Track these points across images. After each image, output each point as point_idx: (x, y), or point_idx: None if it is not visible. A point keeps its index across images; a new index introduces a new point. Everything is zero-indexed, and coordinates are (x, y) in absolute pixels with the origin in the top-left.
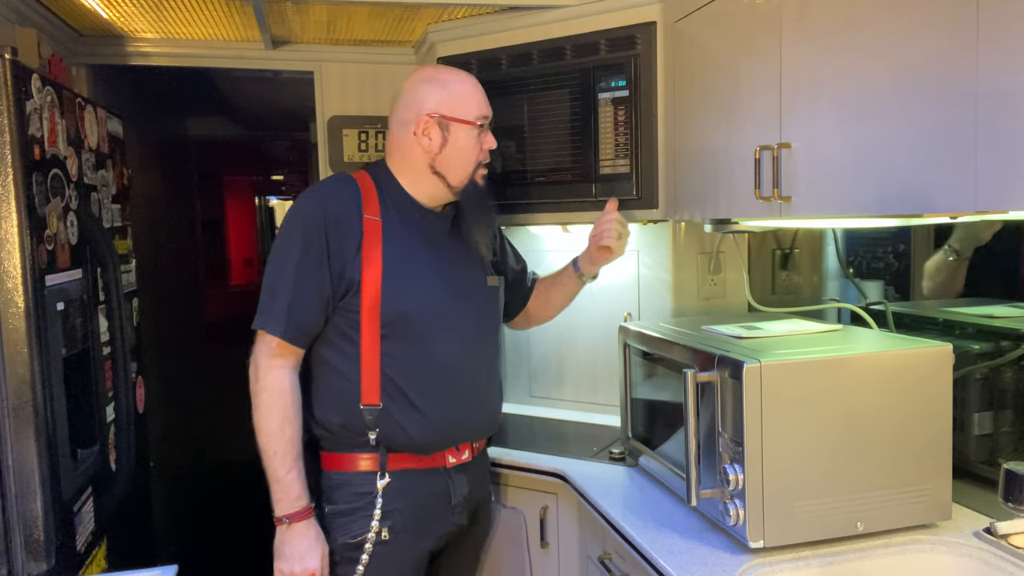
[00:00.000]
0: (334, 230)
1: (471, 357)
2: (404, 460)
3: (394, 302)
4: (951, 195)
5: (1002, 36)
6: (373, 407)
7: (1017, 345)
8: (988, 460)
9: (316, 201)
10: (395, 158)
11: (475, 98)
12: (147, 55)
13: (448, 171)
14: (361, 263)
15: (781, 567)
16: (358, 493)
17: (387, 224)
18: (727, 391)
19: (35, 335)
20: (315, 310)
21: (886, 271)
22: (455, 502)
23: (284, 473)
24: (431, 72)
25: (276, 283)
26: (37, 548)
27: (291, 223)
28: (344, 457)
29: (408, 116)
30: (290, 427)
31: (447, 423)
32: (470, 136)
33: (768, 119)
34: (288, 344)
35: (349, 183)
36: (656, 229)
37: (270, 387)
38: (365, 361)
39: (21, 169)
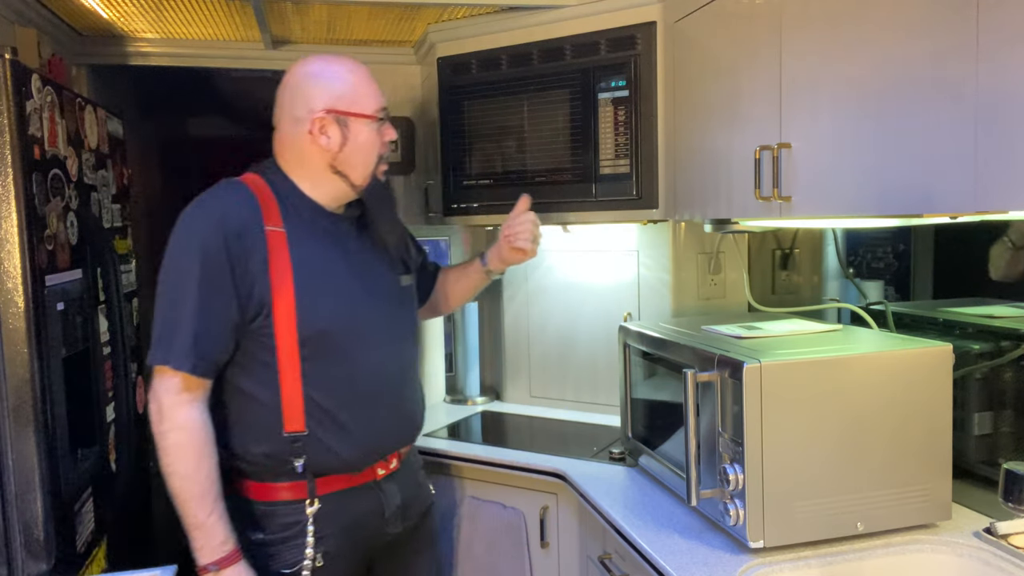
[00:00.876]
0: (235, 246)
1: (394, 365)
2: (333, 482)
3: (312, 320)
4: (951, 195)
5: (1002, 36)
6: (298, 434)
7: (1017, 345)
8: (988, 460)
9: (211, 215)
10: (289, 159)
11: (371, 89)
12: (147, 55)
13: (350, 170)
14: (270, 281)
15: (781, 567)
16: (287, 523)
17: (292, 234)
18: (727, 391)
19: (35, 335)
20: (224, 338)
21: (886, 271)
22: (388, 514)
23: (205, 517)
24: (321, 65)
25: (176, 311)
26: (37, 548)
27: (184, 242)
28: (269, 487)
29: (301, 113)
30: (206, 465)
31: (376, 437)
32: (370, 131)
33: (768, 119)
34: (196, 378)
35: (243, 191)
36: (656, 229)
37: (179, 426)
38: (285, 386)
39: (21, 169)
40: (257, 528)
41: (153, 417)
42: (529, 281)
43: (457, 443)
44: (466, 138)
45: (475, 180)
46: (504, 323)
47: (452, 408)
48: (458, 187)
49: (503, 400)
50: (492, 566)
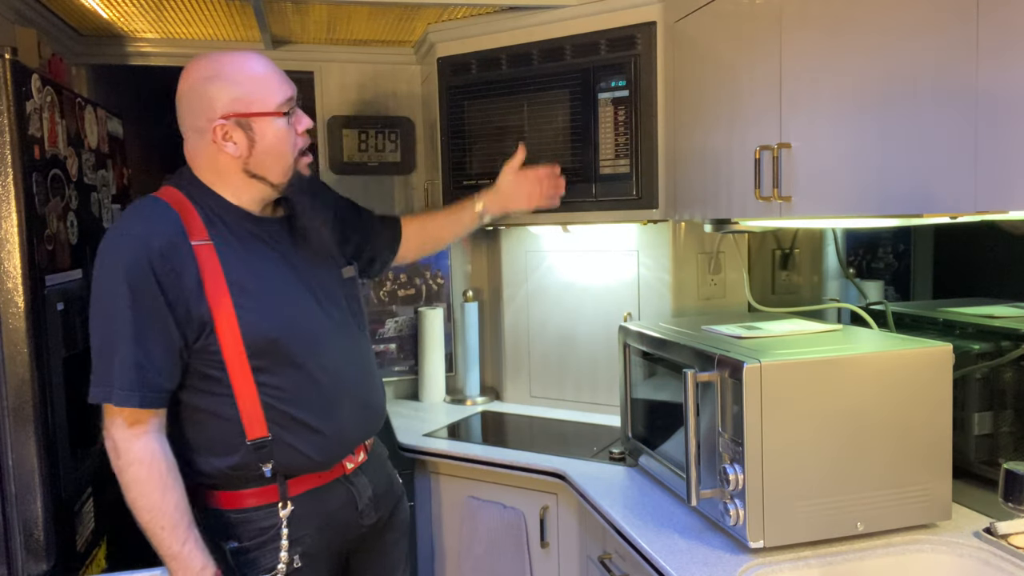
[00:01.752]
0: (161, 268)
1: (349, 359)
2: (303, 482)
3: (256, 330)
4: (951, 195)
5: (1002, 36)
6: (262, 440)
7: (1017, 345)
8: (988, 460)
9: (131, 240)
10: (203, 168)
11: (271, 82)
12: (147, 55)
13: (266, 171)
14: (206, 298)
15: (781, 567)
16: (262, 527)
17: (220, 245)
18: (727, 391)
19: (35, 335)
20: (168, 365)
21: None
22: (362, 506)
23: (179, 547)
24: (213, 67)
25: (111, 345)
26: (37, 548)
27: (108, 271)
28: (239, 494)
29: (201, 123)
30: (171, 495)
31: (341, 433)
32: (279, 127)
33: (768, 119)
34: (145, 410)
35: (162, 207)
36: (656, 229)
37: (137, 459)
38: (241, 399)
39: (21, 169)
40: (231, 537)
41: (110, 454)
42: (529, 281)
43: (457, 443)
44: (466, 138)
45: (475, 180)
46: (504, 323)
47: (452, 408)
48: (458, 187)
49: (503, 400)
50: (492, 566)
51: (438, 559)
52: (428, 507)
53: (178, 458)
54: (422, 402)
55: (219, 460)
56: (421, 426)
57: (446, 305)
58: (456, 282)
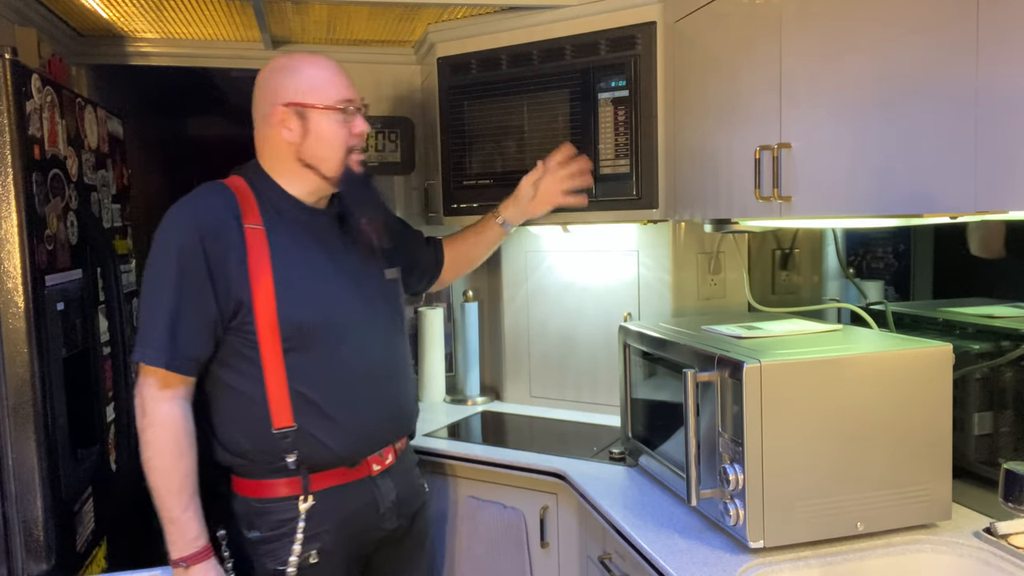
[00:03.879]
0: (211, 245)
1: (380, 357)
2: (328, 478)
3: (292, 314)
4: (951, 195)
5: (1002, 36)
6: (287, 429)
7: (1017, 345)
8: (988, 460)
9: (187, 215)
10: (265, 156)
11: (333, 82)
12: (147, 55)
13: (317, 161)
14: (248, 278)
15: (781, 567)
16: (281, 519)
17: (272, 231)
18: (727, 391)
19: (35, 335)
20: (201, 335)
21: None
22: (383, 509)
23: (180, 512)
24: (284, 61)
25: (154, 310)
26: (37, 548)
27: (162, 242)
28: (263, 484)
29: (265, 109)
30: (184, 462)
31: (366, 429)
32: (332, 122)
33: (768, 119)
34: (175, 374)
35: (222, 191)
36: (656, 229)
37: (159, 421)
38: (270, 380)
39: (21, 169)
40: (252, 526)
41: (136, 412)
42: (529, 281)
43: (457, 443)
44: (466, 138)
45: (475, 180)
46: (504, 323)
47: (452, 408)
48: (458, 187)
49: (503, 400)
50: (492, 566)
51: (438, 559)
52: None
53: (208, 432)
54: (422, 402)
55: (245, 441)
56: (421, 426)
57: (446, 305)
58: (456, 282)
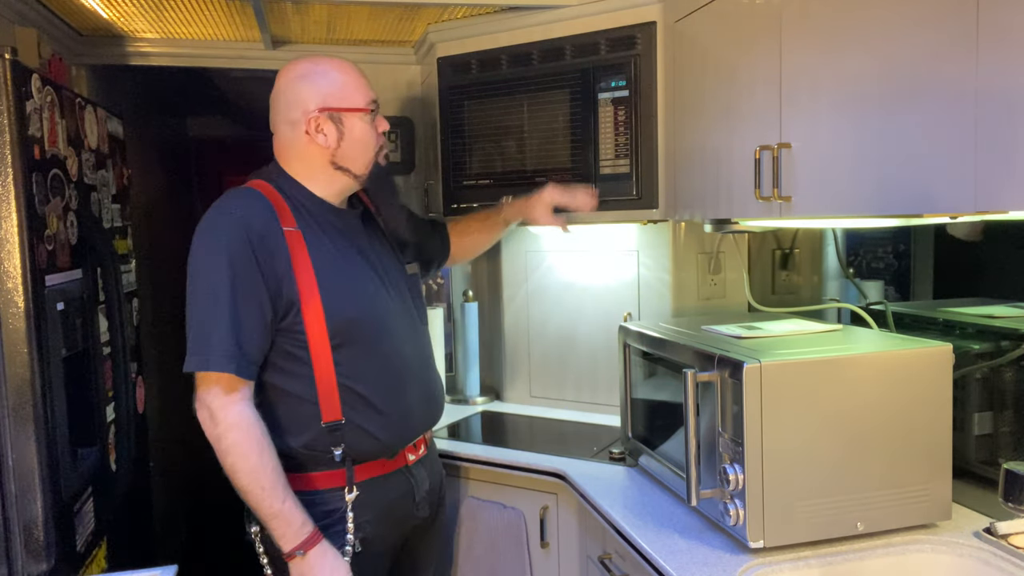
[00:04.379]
0: (260, 248)
1: (414, 349)
2: (369, 469)
3: (339, 311)
4: (951, 195)
5: (1002, 36)
6: (336, 423)
7: (1017, 345)
8: (988, 460)
9: (233, 219)
10: (292, 161)
11: (360, 83)
12: (147, 55)
13: (351, 163)
14: (295, 279)
15: (781, 567)
16: (327, 511)
17: (308, 233)
18: (727, 391)
19: (35, 335)
20: (260, 337)
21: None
22: (419, 498)
23: (280, 504)
24: (308, 66)
25: (211, 317)
26: (37, 548)
27: (211, 248)
28: (307, 476)
29: (295, 116)
30: (269, 457)
31: (407, 418)
32: (365, 123)
33: (768, 119)
34: (240, 379)
35: (259, 196)
36: (656, 229)
37: (234, 425)
38: (320, 377)
39: (21, 169)
40: None
41: (206, 424)
42: (529, 281)
43: (457, 443)
44: (466, 138)
45: (475, 180)
46: (504, 323)
47: (452, 408)
48: (458, 187)
49: (503, 400)
50: (492, 566)
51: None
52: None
53: None
54: None
55: (294, 439)
56: None
57: (446, 305)
58: (456, 282)
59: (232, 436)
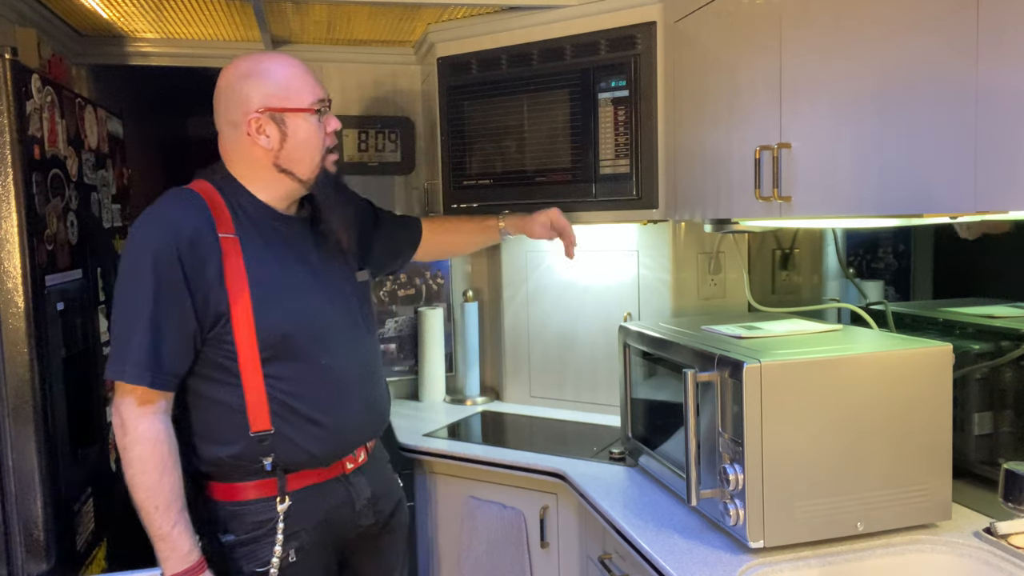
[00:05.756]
0: (188, 256)
1: (355, 360)
2: (303, 478)
3: (270, 325)
4: (951, 195)
5: (1002, 36)
6: (265, 433)
7: (1017, 345)
8: (988, 460)
9: (163, 226)
10: (235, 163)
11: (305, 81)
12: (147, 55)
13: (295, 166)
14: (226, 288)
15: (781, 567)
16: (258, 521)
17: (245, 240)
18: (727, 391)
19: (35, 335)
20: (182, 349)
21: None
22: (359, 507)
23: (169, 528)
24: (250, 64)
25: (131, 325)
26: (37, 548)
27: (136, 254)
28: (237, 487)
29: (236, 117)
30: (169, 477)
31: (342, 431)
32: (310, 124)
33: (768, 119)
34: (156, 391)
35: (194, 198)
36: (656, 229)
37: (142, 438)
38: (248, 388)
39: (21, 169)
40: (227, 530)
41: (117, 432)
42: (529, 281)
43: (457, 443)
44: (466, 138)
45: (475, 180)
46: (504, 323)
47: (452, 408)
48: (458, 187)
49: (503, 400)
50: (492, 566)
51: (438, 559)
52: (428, 507)
53: (181, 444)
54: (422, 402)
55: (221, 449)
56: (421, 426)
57: (446, 305)
58: (456, 282)
59: (137, 450)
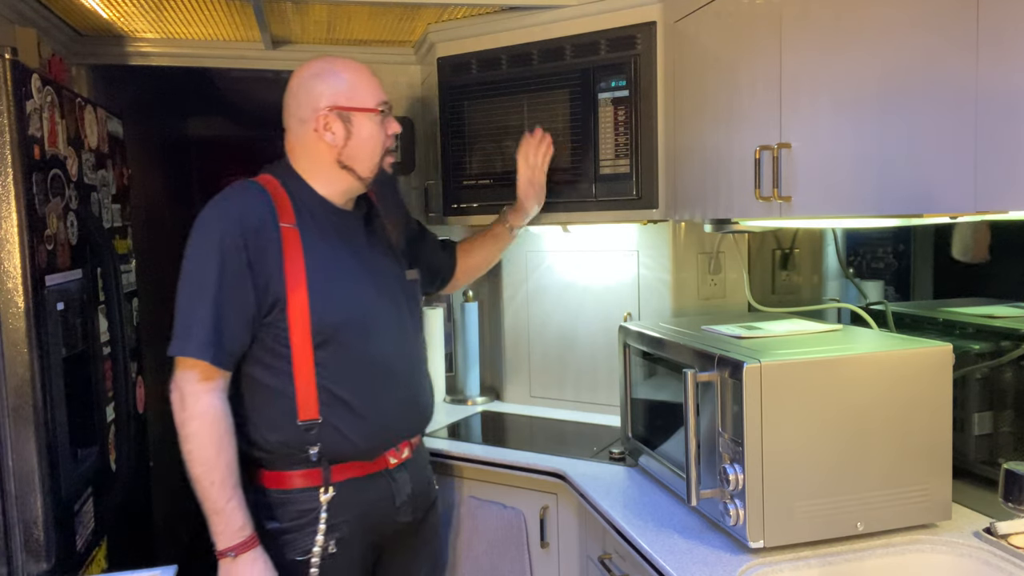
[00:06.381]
0: (252, 242)
1: (401, 355)
2: (347, 470)
3: (324, 314)
4: (951, 195)
5: (1002, 36)
6: (312, 422)
7: (1017, 345)
8: (988, 460)
9: (229, 213)
10: (300, 158)
11: (371, 84)
12: (147, 55)
13: (356, 163)
14: (284, 276)
15: (781, 567)
16: (302, 510)
17: (304, 231)
18: (727, 391)
19: (35, 335)
20: (241, 330)
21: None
22: (399, 502)
23: (224, 503)
24: (322, 65)
25: (195, 305)
26: (37, 548)
27: (203, 240)
28: (284, 475)
29: (305, 113)
30: (226, 454)
31: (387, 423)
32: (373, 124)
33: (768, 119)
34: (215, 368)
35: (259, 191)
36: (656, 229)
37: (201, 414)
38: (299, 375)
39: (21, 169)
40: (272, 517)
41: (175, 406)
42: (529, 281)
43: (457, 443)
44: (466, 138)
45: (475, 180)
46: (504, 323)
47: (452, 408)
48: (458, 187)
49: (503, 400)
50: (492, 566)
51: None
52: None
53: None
54: None
55: (271, 434)
56: None
57: (446, 305)
58: None
59: (196, 425)
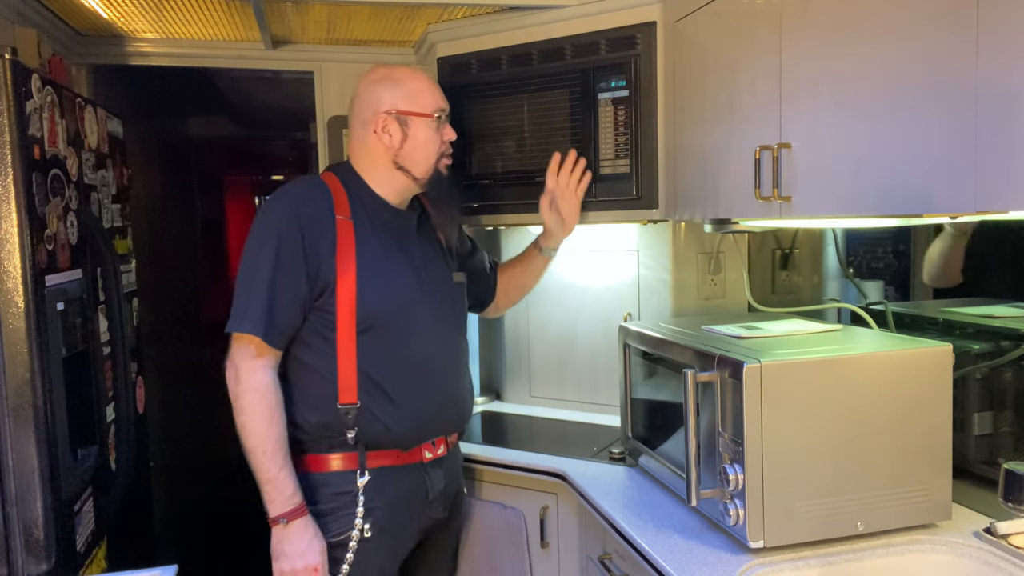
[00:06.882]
0: (308, 229)
1: (443, 352)
2: (382, 457)
3: (370, 302)
4: (951, 195)
5: (1002, 36)
6: (351, 406)
7: (1017, 345)
8: (988, 460)
9: (289, 201)
10: (359, 158)
11: (430, 92)
12: (147, 55)
13: (411, 164)
14: (336, 264)
15: (781, 567)
16: (337, 493)
17: (358, 224)
18: (727, 391)
19: (35, 335)
20: (293, 311)
21: (886, 271)
22: (432, 497)
23: (276, 471)
24: (385, 71)
25: (252, 284)
26: (37, 548)
27: (265, 224)
28: (322, 458)
29: (367, 116)
30: (277, 425)
31: (423, 416)
32: (429, 129)
33: (768, 119)
34: (267, 345)
35: (319, 185)
36: (656, 229)
37: (254, 387)
38: (341, 359)
39: (21, 169)
40: (310, 499)
41: (230, 380)
42: None
43: None
44: (466, 138)
45: (475, 180)
46: (504, 323)
47: None
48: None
49: (503, 400)
50: (492, 566)
51: None
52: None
53: None
54: None
55: (311, 415)
56: None
57: None
58: None
59: (249, 398)
